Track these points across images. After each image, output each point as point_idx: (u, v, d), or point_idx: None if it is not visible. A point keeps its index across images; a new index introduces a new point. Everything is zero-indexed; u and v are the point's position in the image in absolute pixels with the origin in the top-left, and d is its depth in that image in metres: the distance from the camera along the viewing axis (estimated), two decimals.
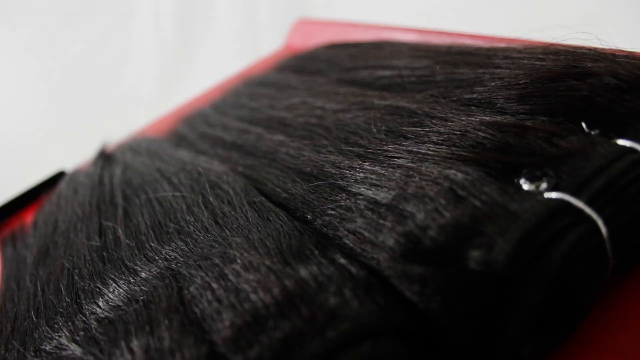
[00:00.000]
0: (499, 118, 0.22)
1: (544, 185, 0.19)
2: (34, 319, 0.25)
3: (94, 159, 0.40)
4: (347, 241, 0.21)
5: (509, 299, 0.17)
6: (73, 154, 0.49)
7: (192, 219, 0.25)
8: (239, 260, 0.20)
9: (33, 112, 0.93)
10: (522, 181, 0.19)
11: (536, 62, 0.25)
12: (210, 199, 0.26)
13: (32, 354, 0.23)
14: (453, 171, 0.20)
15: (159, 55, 0.95)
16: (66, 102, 0.93)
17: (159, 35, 0.95)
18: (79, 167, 0.42)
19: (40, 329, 0.24)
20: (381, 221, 0.20)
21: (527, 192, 0.19)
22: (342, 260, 0.20)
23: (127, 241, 0.26)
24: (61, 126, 0.91)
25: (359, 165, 0.23)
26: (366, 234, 0.20)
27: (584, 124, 0.21)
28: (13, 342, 0.24)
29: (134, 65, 0.95)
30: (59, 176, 0.43)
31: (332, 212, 0.22)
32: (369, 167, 0.23)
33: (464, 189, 0.19)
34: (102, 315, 0.22)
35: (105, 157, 0.39)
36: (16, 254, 0.34)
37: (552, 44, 0.26)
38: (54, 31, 0.96)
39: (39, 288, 0.27)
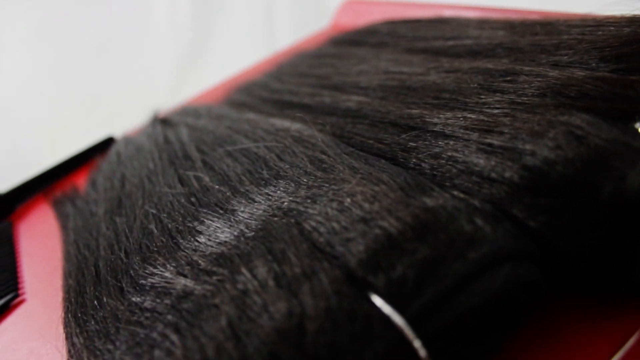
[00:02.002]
0: (599, 73, 0.23)
1: None
2: (124, 259, 0.25)
3: (150, 123, 0.40)
4: (460, 181, 0.21)
5: None
6: (83, 141, 0.49)
7: (287, 166, 0.25)
8: (359, 195, 0.20)
9: (45, 98, 0.92)
10: (637, 125, 0.20)
11: (624, 29, 0.26)
12: (301, 149, 0.26)
13: (131, 289, 0.23)
14: (566, 116, 0.21)
15: (174, 44, 0.95)
16: (78, 90, 0.92)
17: (175, 24, 0.95)
18: (130, 132, 0.42)
19: (135, 268, 0.24)
20: (499, 159, 0.21)
21: None
22: (463, 196, 0.20)
23: (217, 187, 0.26)
24: (72, 114, 0.90)
25: (461, 114, 0.24)
26: (484, 173, 0.21)
27: None
28: (108, 278, 0.24)
29: (149, 55, 0.95)
30: (107, 142, 0.43)
31: (443, 156, 0.22)
32: (473, 116, 0.23)
33: (582, 130, 0.20)
34: (207, 252, 0.22)
35: (162, 121, 0.39)
36: (78, 209, 0.34)
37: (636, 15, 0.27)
38: (67, 18, 0.95)
39: (122, 233, 0.27)
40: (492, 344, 0.19)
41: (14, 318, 0.31)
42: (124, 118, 0.51)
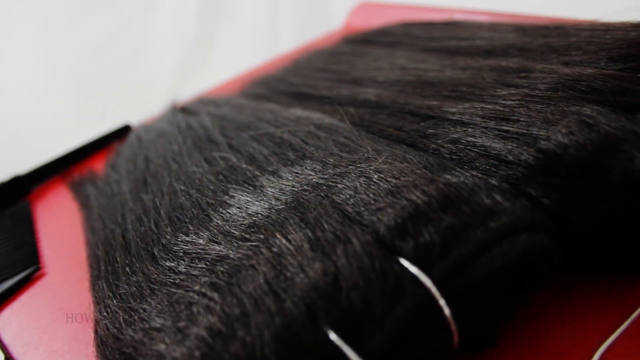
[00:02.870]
0: (608, 71, 0.25)
1: None
2: (154, 230, 0.26)
3: (169, 112, 0.41)
4: (478, 164, 0.23)
5: None
6: (84, 136, 0.50)
7: (312, 148, 0.27)
8: (386, 172, 0.22)
9: (49, 93, 0.93)
10: None
11: (631, 33, 0.28)
12: (324, 134, 0.28)
13: (164, 255, 0.24)
14: (578, 107, 0.23)
15: (179, 43, 0.96)
16: (82, 85, 0.93)
17: (180, 23, 0.96)
18: (148, 121, 0.43)
19: (167, 237, 0.25)
20: (515, 144, 0.22)
21: None
22: (481, 175, 0.22)
23: (243, 166, 0.27)
24: (74, 109, 0.91)
25: (478, 105, 0.26)
26: (501, 156, 0.22)
27: None
28: (139, 247, 0.25)
29: (153, 53, 0.96)
30: (124, 129, 0.44)
31: (462, 141, 0.24)
32: (489, 107, 0.25)
33: (592, 119, 0.22)
34: (239, 222, 0.24)
35: (183, 109, 0.40)
36: (99, 189, 0.35)
37: None
38: (74, 13, 0.96)
39: (150, 208, 0.28)
40: (509, 309, 0.20)
41: (36, 289, 0.32)
42: (123, 116, 0.52)
